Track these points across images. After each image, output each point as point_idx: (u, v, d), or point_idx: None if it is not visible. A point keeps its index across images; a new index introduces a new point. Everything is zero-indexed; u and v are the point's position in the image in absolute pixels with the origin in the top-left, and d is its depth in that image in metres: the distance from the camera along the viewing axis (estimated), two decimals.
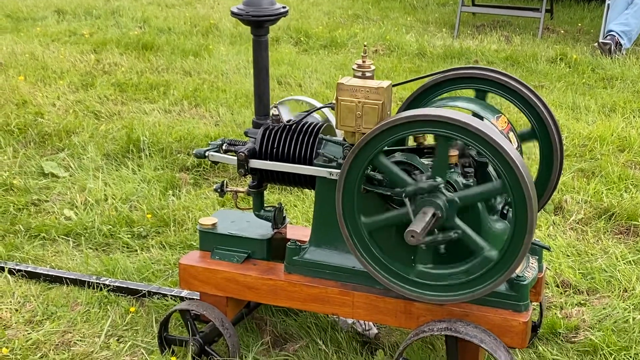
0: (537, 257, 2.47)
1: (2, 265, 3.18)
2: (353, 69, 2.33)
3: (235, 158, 2.54)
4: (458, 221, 2.17)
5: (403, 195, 2.19)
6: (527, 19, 7.84)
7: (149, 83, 5.57)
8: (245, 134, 2.59)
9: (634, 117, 4.98)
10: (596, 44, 6.70)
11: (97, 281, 3.05)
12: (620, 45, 6.60)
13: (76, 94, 5.32)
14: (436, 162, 2.18)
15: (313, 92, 5.39)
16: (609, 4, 7.00)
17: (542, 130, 2.44)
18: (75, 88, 5.46)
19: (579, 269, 3.19)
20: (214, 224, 2.65)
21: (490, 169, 2.31)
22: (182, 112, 5.03)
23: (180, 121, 4.81)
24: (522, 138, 2.47)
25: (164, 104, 5.16)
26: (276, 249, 2.62)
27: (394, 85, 2.36)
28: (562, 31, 7.53)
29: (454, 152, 2.25)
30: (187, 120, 4.82)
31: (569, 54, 6.46)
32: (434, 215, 2.14)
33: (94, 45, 6.62)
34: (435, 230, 2.17)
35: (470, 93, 2.54)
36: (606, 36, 6.67)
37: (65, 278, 3.09)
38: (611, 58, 6.37)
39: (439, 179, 2.16)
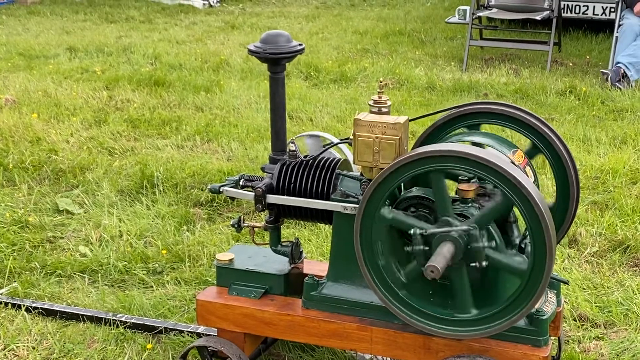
0: (555, 291, 2.47)
1: (19, 302, 3.18)
2: (369, 105, 2.35)
3: (248, 194, 2.56)
4: (482, 244, 2.17)
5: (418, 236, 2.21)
6: (536, 52, 7.89)
7: (162, 119, 5.61)
8: (262, 169, 2.61)
9: None
10: (602, 72, 6.75)
11: (114, 318, 3.05)
12: (627, 76, 6.62)
13: (89, 131, 5.36)
14: (436, 197, 2.20)
15: (324, 126, 5.42)
16: (617, 36, 7.05)
17: (558, 163, 2.45)
18: (88, 125, 5.50)
19: (595, 302, 3.18)
20: (231, 260, 2.65)
21: None
22: (194, 148, 5.06)
23: (193, 156, 4.84)
24: (529, 156, 2.48)
25: (177, 139, 5.20)
26: (293, 284, 2.62)
27: (410, 121, 2.38)
28: (571, 64, 7.57)
29: (470, 187, 2.26)
30: (199, 156, 4.85)
31: (578, 86, 6.49)
32: (453, 248, 2.14)
33: (106, 82, 6.68)
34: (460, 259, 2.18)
35: (485, 128, 2.55)
36: (612, 68, 6.71)
37: (82, 315, 3.09)
38: (609, 89, 6.40)
39: (446, 214, 2.17)
